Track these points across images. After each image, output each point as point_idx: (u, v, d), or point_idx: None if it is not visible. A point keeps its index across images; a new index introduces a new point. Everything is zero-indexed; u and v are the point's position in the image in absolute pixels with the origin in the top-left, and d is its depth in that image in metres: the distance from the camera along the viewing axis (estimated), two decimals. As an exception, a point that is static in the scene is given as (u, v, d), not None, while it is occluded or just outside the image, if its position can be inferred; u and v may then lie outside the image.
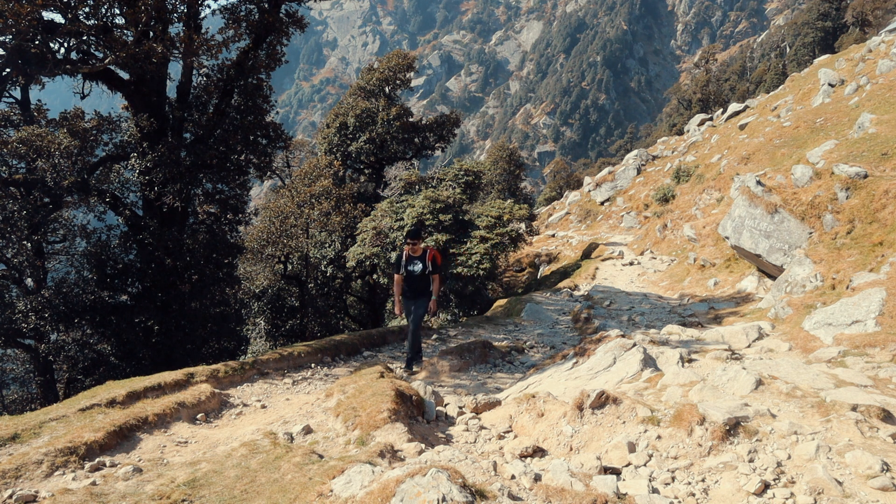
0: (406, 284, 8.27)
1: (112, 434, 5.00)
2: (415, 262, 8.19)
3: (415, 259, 8.21)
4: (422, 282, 8.24)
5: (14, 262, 13.15)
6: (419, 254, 8.23)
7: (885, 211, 9.63)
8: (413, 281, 8.23)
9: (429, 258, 8.23)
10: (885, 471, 3.56)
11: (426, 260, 8.21)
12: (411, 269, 8.19)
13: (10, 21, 9.53)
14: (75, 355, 12.71)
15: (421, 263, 8.17)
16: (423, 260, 8.21)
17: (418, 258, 8.21)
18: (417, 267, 8.17)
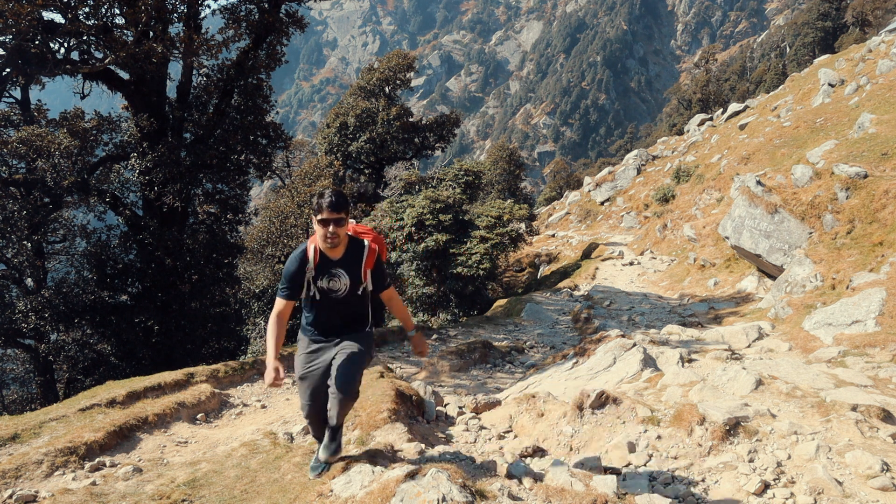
0: (316, 315, 3.71)
1: (112, 434, 5.00)
2: (336, 272, 3.64)
3: (335, 265, 3.63)
4: (354, 307, 3.74)
5: (14, 262, 13.15)
6: (342, 251, 3.64)
7: (885, 211, 9.63)
8: (333, 309, 3.68)
9: (367, 260, 3.69)
10: (885, 471, 3.56)
11: (361, 264, 3.68)
12: (328, 288, 3.64)
13: (10, 21, 9.53)
14: (75, 355, 12.71)
15: (347, 274, 3.64)
16: (351, 265, 3.67)
17: (343, 261, 3.65)
18: (341, 281, 3.63)
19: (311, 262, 3.52)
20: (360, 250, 3.61)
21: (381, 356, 9.93)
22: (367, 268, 3.61)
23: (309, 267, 3.51)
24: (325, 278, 3.53)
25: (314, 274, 3.54)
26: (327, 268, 3.53)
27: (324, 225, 3.40)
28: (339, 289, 3.57)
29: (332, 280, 3.55)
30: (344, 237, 3.51)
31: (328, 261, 3.53)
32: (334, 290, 3.55)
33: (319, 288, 3.56)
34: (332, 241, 3.43)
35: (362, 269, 3.60)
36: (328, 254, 3.51)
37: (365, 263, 3.60)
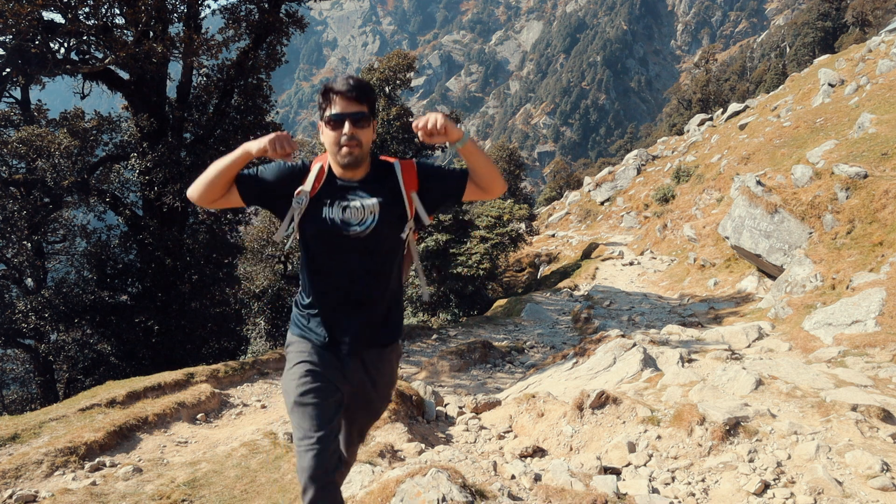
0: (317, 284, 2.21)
1: (112, 434, 5.00)
2: (354, 196, 2.15)
3: (352, 188, 2.16)
4: (383, 270, 2.21)
5: (14, 262, 13.14)
6: (364, 170, 2.19)
7: (885, 211, 9.63)
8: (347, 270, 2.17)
9: (407, 177, 2.21)
10: (885, 471, 3.56)
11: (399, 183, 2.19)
12: (341, 220, 2.13)
13: (10, 21, 9.53)
14: (75, 355, 12.71)
15: (376, 196, 2.15)
16: (382, 185, 2.18)
17: (367, 182, 2.18)
18: (365, 208, 2.13)
19: (309, 185, 2.10)
20: (391, 169, 2.18)
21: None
22: (409, 189, 2.14)
23: (302, 191, 2.09)
24: (336, 205, 2.09)
25: (310, 200, 2.09)
26: (339, 191, 2.11)
27: (336, 124, 2.05)
28: (362, 221, 2.08)
29: (349, 208, 2.09)
30: (368, 150, 2.13)
31: (342, 183, 2.12)
32: (352, 222, 2.07)
33: (324, 223, 2.07)
34: (349, 151, 2.04)
35: (403, 192, 2.13)
36: (343, 174, 2.13)
37: (405, 183, 2.14)
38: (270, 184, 2.19)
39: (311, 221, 2.12)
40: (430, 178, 2.22)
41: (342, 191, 2.14)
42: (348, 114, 2.07)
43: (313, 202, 2.12)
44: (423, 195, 2.21)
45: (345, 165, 2.12)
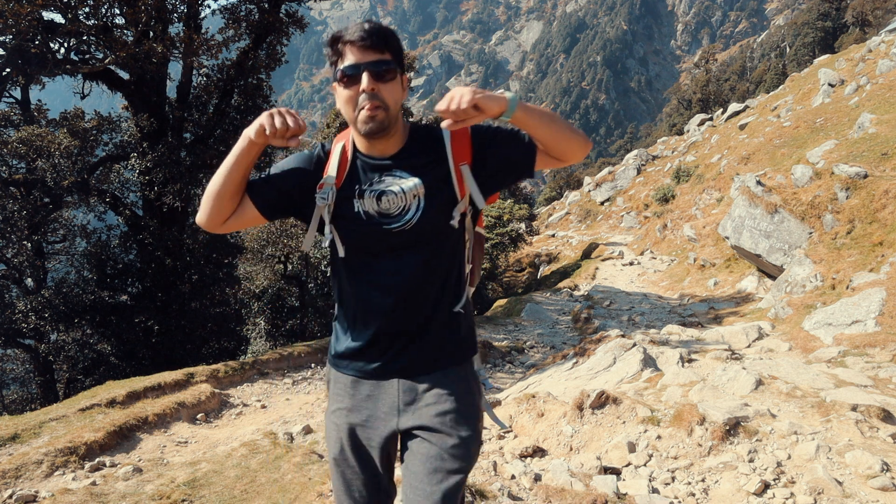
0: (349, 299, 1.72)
1: (112, 434, 5.01)
2: (391, 176, 1.63)
3: (386, 167, 1.64)
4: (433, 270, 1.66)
5: (14, 262, 13.15)
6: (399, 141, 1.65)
7: (885, 211, 9.63)
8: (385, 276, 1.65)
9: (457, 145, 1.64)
10: (885, 471, 3.56)
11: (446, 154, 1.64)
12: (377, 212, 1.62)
13: (10, 21, 9.53)
14: (75, 355, 12.71)
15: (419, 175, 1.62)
16: (425, 159, 1.64)
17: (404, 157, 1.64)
18: (406, 192, 1.61)
19: (333, 172, 1.64)
20: (436, 136, 1.66)
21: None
22: (460, 162, 1.62)
23: (325, 182, 1.64)
24: (368, 194, 1.62)
25: (335, 197, 1.63)
26: (369, 174, 1.63)
27: (349, 80, 1.54)
28: (404, 210, 1.60)
29: (385, 196, 1.61)
30: (397, 113, 1.61)
31: (371, 162, 1.63)
32: (391, 214, 1.60)
33: (356, 220, 1.62)
34: (370, 115, 1.53)
35: (451, 166, 1.62)
36: (370, 149, 1.63)
37: (454, 153, 1.63)
38: (286, 184, 1.67)
39: (341, 219, 1.63)
40: (489, 145, 1.62)
41: (373, 173, 1.61)
42: (365, 64, 1.52)
43: (340, 195, 1.62)
44: (480, 169, 1.62)
45: (368, 135, 1.55)
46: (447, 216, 1.64)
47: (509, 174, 1.69)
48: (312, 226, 1.68)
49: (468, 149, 1.64)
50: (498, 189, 1.74)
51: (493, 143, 1.65)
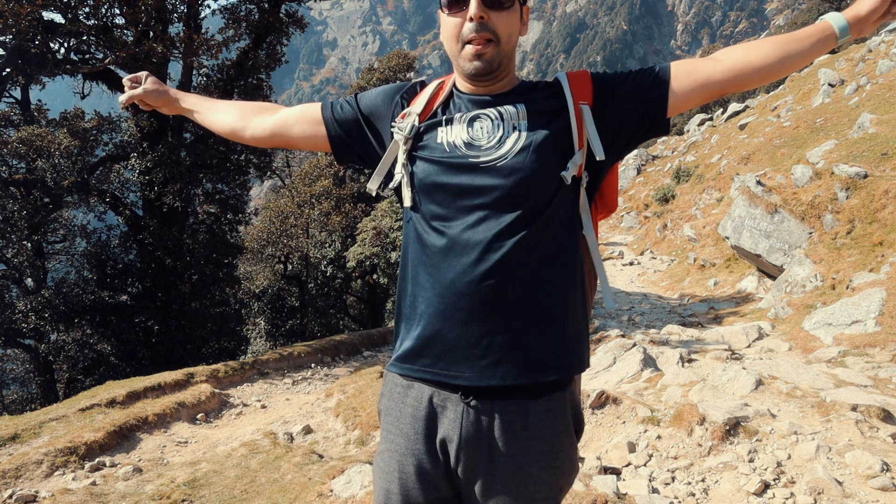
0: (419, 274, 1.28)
1: (112, 434, 5.00)
2: (489, 112, 1.29)
3: (486, 103, 1.31)
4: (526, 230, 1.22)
5: (14, 262, 13.15)
6: (507, 84, 1.33)
7: (885, 211, 9.63)
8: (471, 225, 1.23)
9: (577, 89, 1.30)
10: (885, 471, 3.56)
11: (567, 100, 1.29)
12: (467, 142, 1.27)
13: (10, 21, 9.53)
14: (75, 355, 12.71)
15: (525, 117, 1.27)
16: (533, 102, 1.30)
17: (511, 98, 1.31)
18: (504, 124, 1.27)
19: (420, 105, 1.35)
20: (553, 80, 1.37)
21: (381, 356, 9.93)
22: (580, 100, 1.30)
23: (408, 112, 1.34)
24: (455, 122, 1.31)
25: (417, 130, 1.33)
26: (465, 105, 1.34)
27: (455, 5, 1.26)
28: (500, 140, 1.26)
29: (478, 121, 1.30)
30: (511, 52, 1.30)
31: (470, 97, 1.34)
32: (481, 143, 1.27)
33: (437, 151, 1.29)
34: (477, 51, 1.25)
35: (570, 103, 1.29)
36: (474, 90, 1.33)
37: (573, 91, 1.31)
38: (365, 110, 1.40)
39: (418, 155, 1.29)
40: (616, 83, 1.31)
41: (470, 104, 1.31)
42: None
43: (424, 126, 1.30)
44: (603, 113, 1.29)
45: (473, 76, 1.26)
46: (558, 163, 1.24)
47: (639, 119, 1.30)
48: (383, 163, 1.36)
49: (589, 88, 1.31)
50: (624, 146, 1.35)
51: (616, 80, 1.33)
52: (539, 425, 1.24)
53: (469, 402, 1.23)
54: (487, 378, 1.22)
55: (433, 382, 1.26)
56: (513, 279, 1.21)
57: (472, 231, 1.22)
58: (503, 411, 1.23)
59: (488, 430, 1.23)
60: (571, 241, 1.30)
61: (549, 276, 1.24)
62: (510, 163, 1.23)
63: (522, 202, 1.22)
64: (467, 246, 1.21)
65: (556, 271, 1.25)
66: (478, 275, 1.20)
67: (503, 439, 1.23)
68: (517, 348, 1.22)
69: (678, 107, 1.31)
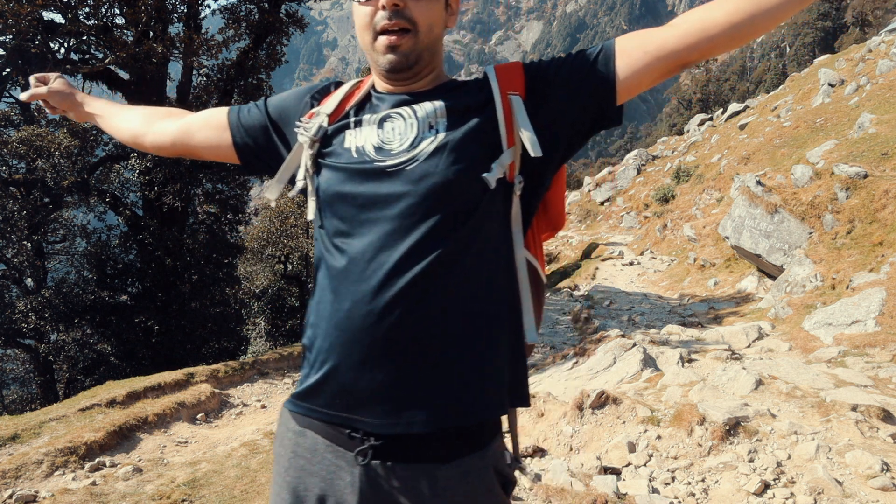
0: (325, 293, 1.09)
1: (112, 434, 5.00)
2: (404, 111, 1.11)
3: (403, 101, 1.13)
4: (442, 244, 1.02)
5: (14, 262, 13.15)
6: (429, 81, 1.15)
7: (885, 211, 9.63)
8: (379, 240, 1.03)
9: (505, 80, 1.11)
10: (886, 471, 3.56)
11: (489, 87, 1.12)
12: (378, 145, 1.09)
13: (10, 21, 9.53)
14: (75, 355, 12.71)
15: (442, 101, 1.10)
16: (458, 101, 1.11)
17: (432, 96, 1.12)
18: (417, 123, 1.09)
19: (331, 106, 1.17)
20: (479, 80, 1.16)
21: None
22: (509, 90, 1.11)
23: (317, 112, 1.17)
24: (364, 124, 1.13)
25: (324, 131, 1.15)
26: (378, 106, 1.16)
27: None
28: (413, 142, 1.08)
29: (388, 121, 1.12)
30: (434, 44, 1.13)
31: (387, 96, 1.16)
32: (391, 145, 1.08)
33: (345, 156, 1.11)
34: (391, 42, 1.07)
35: (497, 95, 1.10)
36: (393, 88, 1.15)
37: (501, 81, 1.11)
38: (272, 114, 1.26)
39: (326, 161, 1.13)
40: (552, 68, 1.11)
41: (384, 104, 1.14)
42: None
43: (333, 128, 1.14)
44: (539, 101, 1.10)
45: (389, 71, 1.10)
46: (480, 165, 1.05)
47: (583, 107, 1.09)
48: (284, 168, 1.19)
49: (520, 77, 1.11)
50: (568, 141, 1.12)
51: (552, 65, 1.12)
52: (453, 492, 1.03)
53: (367, 459, 1.03)
54: (390, 426, 1.02)
55: (330, 426, 1.06)
56: (422, 309, 1.01)
57: (375, 251, 1.02)
58: (408, 472, 1.03)
59: (389, 494, 1.03)
60: (500, 259, 1.10)
61: (470, 304, 1.04)
62: (421, 166, 1.04)
63: (436, 213, 1.02)
64: (368, 269, 1.02)
65: (478, 298, 1.05)
66: (380, 305, 1.00)
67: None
68: (427, 391, 1.02)
69: (631, 87, 1.07)
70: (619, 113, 1.11)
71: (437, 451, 1.03)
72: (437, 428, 1.02)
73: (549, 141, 1.09)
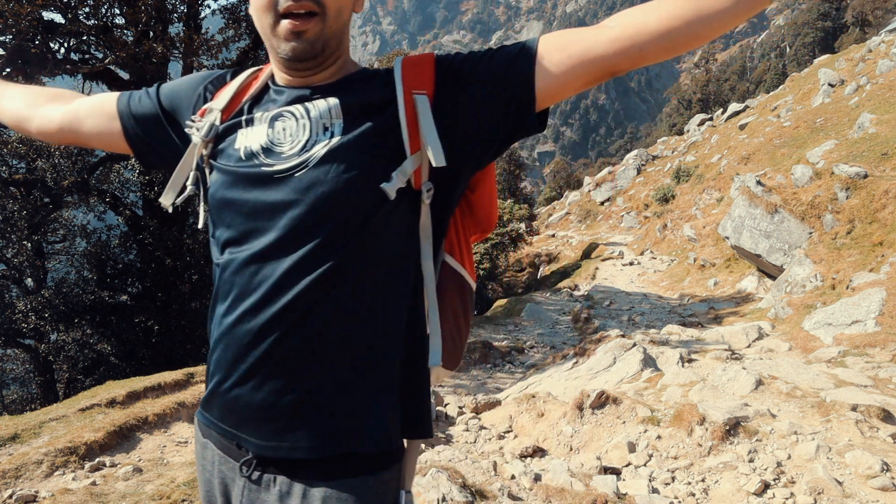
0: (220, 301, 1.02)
1: (112, 434, 5.01)
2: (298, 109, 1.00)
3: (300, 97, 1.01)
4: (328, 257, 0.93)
5: (14, 262, 13.15)
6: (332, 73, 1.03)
7: (885, 211, 9.63)
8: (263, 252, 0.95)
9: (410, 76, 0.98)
10: (885, 471, 3.56)
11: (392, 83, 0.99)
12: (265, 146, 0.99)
13: (10, 21, 9.53)
14: (75, 355, 12.71)
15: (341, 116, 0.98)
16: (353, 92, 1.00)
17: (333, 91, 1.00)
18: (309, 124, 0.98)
19: (223, 101, 1.07)
20: (388, 69, 1.03)
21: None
22: (414, 88, 0.98)
23: (208, 109, 1.07)
24: (255, 122, 1.03)
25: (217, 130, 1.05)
26: (272, 102, 1.04)
27: None
28: (305, 145, 0.97)
29: (282, 117, 1.01)
30: (340, 32, 1.01)
31: (284, 90, 1.04)
32: (282, 148, 0.98)
33: (233, 159, 1.02)
34: (294, 27, 0.95)
35: (400, 94, 0.97)
36: (292, 80, 1.03)
37: (405, 78, 0.98)
38: (158, 108, 1.13)
39: (217, 163, 1.04)
40: (466, 65, 0.99)
41: (280, 100, 1.04)
42: None
43: (226, 126, 1.04)
44: (448, 102, 0.98)
45: (291, 60, 0.98)
46: (378, 173, 0.94)
47: (496, 111, 0.97)
48: (178, 171, 1.08)
49: (429, 73, 0.99)
50: (480, 149, 1.00)
51: (466, 62, 0.99)
52: None
53: (250, 471, 0.99)
54: (273, 448, 0.97)
55: (223, 438, 1.03)
56: (304, 329, 0.94)
57: (260, 264, 0.95)
58: (288, 488, 0.97)
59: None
60: (402, 275, 1.00)
61: (359, 324, 0.96)
62: (311, 173, 0.94)
63: (326, 225, 0.93)
64: (252, 283, 0.95)
65: (370, 317, 0.97)
66: (260, 323, 0.94)
67: None
68: (309, 416, 0.95)
69: (552, 93, 0.96)
70: (538, 121, 0.98)
71: (320, 470, 0.97)
72: (320, 456, 0.96)
73: (459, 147, 0.99)
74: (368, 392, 0.98)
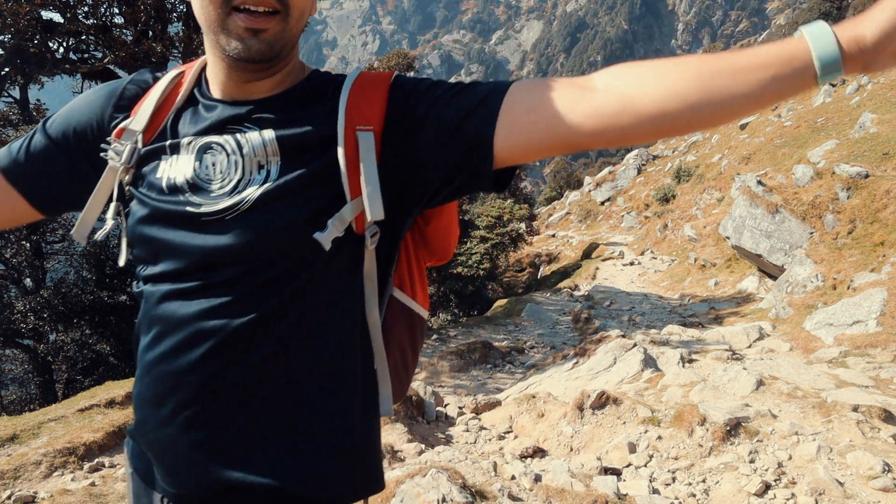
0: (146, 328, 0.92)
1: (111, 435, 4.99)
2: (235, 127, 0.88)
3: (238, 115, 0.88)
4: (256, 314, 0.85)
5: (13, 262, 13.15)
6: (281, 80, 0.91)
7: (886, 211, 9.62)
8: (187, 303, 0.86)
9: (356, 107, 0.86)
10: (887, 472, 3.55)
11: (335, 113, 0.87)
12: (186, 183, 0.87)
13: (8, 20, 9.52)
14: (74, 355, 12.71)
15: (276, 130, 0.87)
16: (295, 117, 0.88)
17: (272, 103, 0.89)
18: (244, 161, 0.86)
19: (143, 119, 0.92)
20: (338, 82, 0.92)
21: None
22: (357, 124, 0.86)
23: (126, 129, 0.92)
24: (181, 150, 0.90)
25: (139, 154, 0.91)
26: (201, 121, 0.91)
27: None
28: (237, 185, 0.86)
29: (212, 150, 0.88)
30: (296, 35, 0.88)
31: (218, 105, 0.91)
32: (210, 184, 0.87)
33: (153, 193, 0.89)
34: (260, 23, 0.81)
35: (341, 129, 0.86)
36: (226, 85, 0.90)
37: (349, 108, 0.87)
38: (52, 144, 1.00)
39: (138, 192, 0.92)
40: (424, 100, 0.87)
41: (214, 121, 0.90)
42: None
43: (148, 153, 0.92)
44: (397, 141, 0.87)
45: (241, 60, 0.84)
46: (315, 219, 0.85)
47: (447, 165, 0.86)
48: (92, 201, 0.95)
49: (380, 103, 0.87)
50: (426, 199, 0.92)
51: (425, 95, 0.87)
52: None
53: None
54: (193, 490, 0.91)
55: (148, 472, 0.97)
56: (232, 375, 0.86)
57: (183, 302, 0.86)
58: None
59: None
60: (344, 323, 0.92)
61: (294, 369, 0.88)
62: (241, 219, 0.84)
63: (258, 274, 0.85)
64: (171, 321, 0.87)
65: (308, 363, 0.89)
66: (182, 365, 0.86)
67: None
68: (233, 461, 0.88)
69: (514, 156, 0.83)
70: (496, 181, 0.85)
71: None
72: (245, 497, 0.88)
73: (408, 190, 0.89)
74: (302, 438, 0.89)
